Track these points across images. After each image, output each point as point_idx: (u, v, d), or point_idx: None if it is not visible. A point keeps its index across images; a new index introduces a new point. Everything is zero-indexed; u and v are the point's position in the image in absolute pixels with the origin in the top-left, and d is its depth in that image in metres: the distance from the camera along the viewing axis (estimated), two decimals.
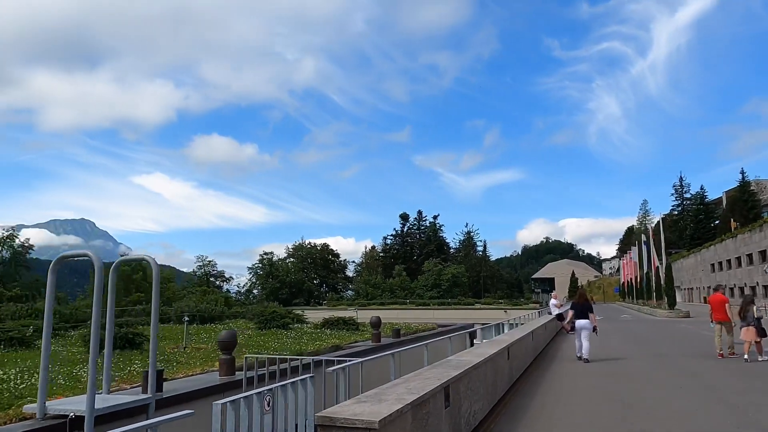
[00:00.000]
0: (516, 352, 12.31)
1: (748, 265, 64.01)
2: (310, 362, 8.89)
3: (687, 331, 26.99)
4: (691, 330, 27.81)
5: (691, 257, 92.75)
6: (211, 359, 15.31)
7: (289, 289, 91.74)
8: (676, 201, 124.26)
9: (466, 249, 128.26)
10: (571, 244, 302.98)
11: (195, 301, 34.66)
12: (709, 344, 17.10)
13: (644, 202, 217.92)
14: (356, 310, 49.59)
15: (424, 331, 26.46)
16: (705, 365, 14.06)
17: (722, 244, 73.70)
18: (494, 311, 53.45)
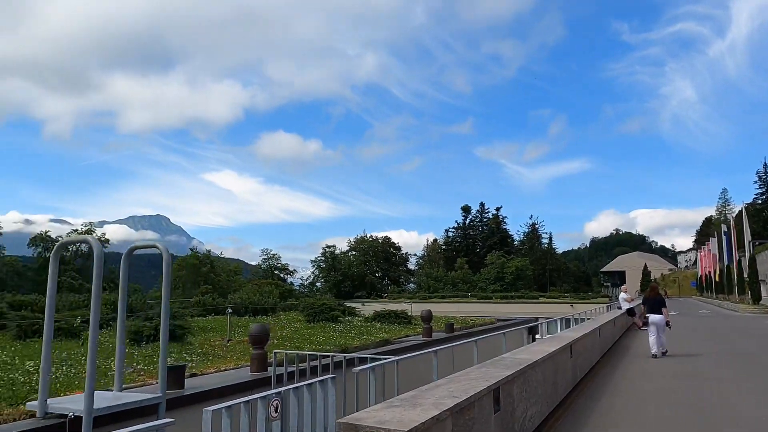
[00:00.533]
0: (580, 350, 11.44)
1: None
2: (342, 359, 8.24)
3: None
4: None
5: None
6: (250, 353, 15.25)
7: (351, 282, 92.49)
8: (760, 189, 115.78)
9: (531, 241, 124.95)
10: (643, 235, 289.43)
11: (248, 293, 34.90)
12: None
13: (724, 190, 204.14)
14: (411, 304, 49.11)
15: (481, 325, 25.43)
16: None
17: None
18: (559, 305, 51.56)
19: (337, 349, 15.31)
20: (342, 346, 15.98)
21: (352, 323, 22.48)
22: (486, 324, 26.02)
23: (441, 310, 59.53)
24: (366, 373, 5.91)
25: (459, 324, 24.88)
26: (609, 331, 17.54)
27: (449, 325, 21.47)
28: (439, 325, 22.57)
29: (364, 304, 59.25)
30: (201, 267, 70.82)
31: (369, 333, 19.70)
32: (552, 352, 8.57)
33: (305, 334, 19.00)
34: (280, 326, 20.97)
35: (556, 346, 9.28)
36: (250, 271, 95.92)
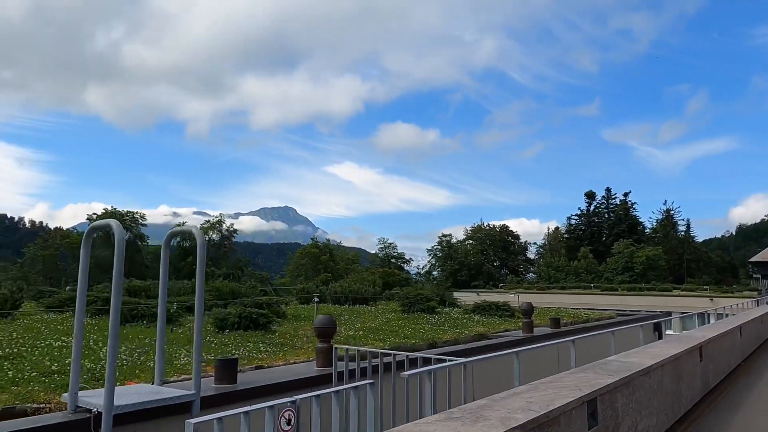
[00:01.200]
0: (714, 352, 9.89)
1: None
2: (405, 359, 7.41)
3: None
4: None
5: None
6: None
7: (468, 271, 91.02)
8: None
9: (665, 229, 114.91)
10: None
11: (350, 282, 34.80)
12: None
13: None
14: (517, 295, 47.01)
15: (597, 320, 23.22)
16: None
17: None
18: (696, 299, 46.56)
19: (424, 344, 14.61)
20: (430, 340, 15.20)
21: (449, 315, 21.29)
22: (603, 319, 23.57)
23: (558, 302, 56.23)
24: (421, 376, 5.28)
25: (569, 318, 23.12)
26: (754, 331, 15.26)
27: (555, 319, 19.73)
28: (545, 319, 21.16)
29: (479, 294, 57.89)
30: (321, 255, 73.45)
31: (464, 326, 18.63)
32: (673, 355, 7.37)
33: (395, 325, 18.19)
34: (372, 316, 20.49)
35: (680, 348, 8.01)
36: (368, 260, 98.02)
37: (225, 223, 76.05)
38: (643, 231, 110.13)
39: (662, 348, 7.96)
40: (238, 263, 74.98)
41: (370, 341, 14.55)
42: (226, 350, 13.36)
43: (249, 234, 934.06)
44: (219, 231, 74.20)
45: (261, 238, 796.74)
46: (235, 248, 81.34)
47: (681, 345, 8.46)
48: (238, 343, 14.27)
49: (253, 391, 9.64)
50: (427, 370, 5.43)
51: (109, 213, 64.71)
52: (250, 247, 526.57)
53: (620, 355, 7.24)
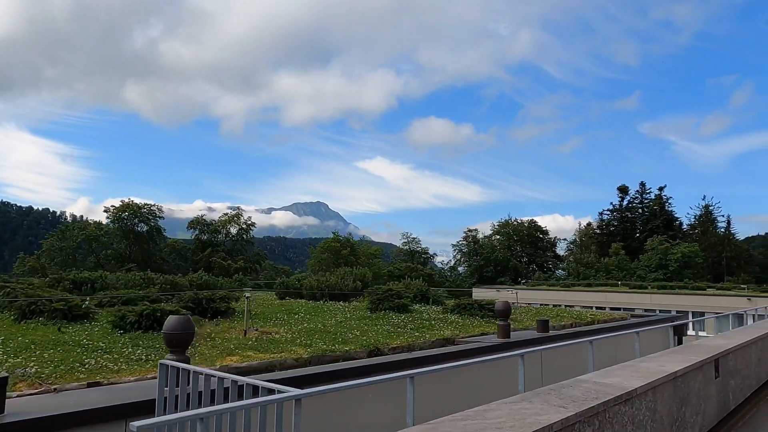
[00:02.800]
0: (735, 366, 8.08)
1: None
2: (231, 384, 5.14)
3: None
4: None
5: None
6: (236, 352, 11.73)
7: (494, 267, 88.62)
8: None
9: (703, 225, 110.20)
10: None
11: (330, 276, 31.18)
12: None
13: None
14: (515, 292, 44.78)
15: (605, 321, 20.57)
16: None
17: None
18: (733, 299, 43.47)
19: (364, 351, 12.53)
20: (374, 346, 12.91)
21: (421, 315, 18.96)
22: (612, 320, 20.75)
23: (582, 300, 53.43)
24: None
25: (570, 320, 20.45)
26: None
27: (543, 321, 17.00)
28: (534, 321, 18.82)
29: (499, 290, 55.68)
30: (342, 250, 72.23)
31: (431, 328, 16.31)
32: (672, 372, 5.66)
33: (349, 326, 15.80)
34: (335, 315, 18.29)
35: (687, 363, 6.28)
36: (392, 256, 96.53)
37: (242, 216, 75.50)
38: (679, 227, 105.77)
39: (662, 362, 6.24)
40: (256, 257, 74.36)
41: (290, 347, 12.40)
42: (88, 355, 10.75)
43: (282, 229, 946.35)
44: (237, 224, 73.73)
45: (293, 232, 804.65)
46: (253, 242, 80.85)
47: (690, 356, 6.72)
48: (119, 347, 11.66)
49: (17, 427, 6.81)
50: (274, 399, 3.91)
51: (126, 205, 64.77)
52: (283, 241, 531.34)
53: (597, 373, 5.56)
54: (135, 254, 64.87)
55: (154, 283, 22.64)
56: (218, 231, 71.53)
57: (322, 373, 8.98)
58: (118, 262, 59.77)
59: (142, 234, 66.54)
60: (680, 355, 6.84)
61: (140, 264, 58.29)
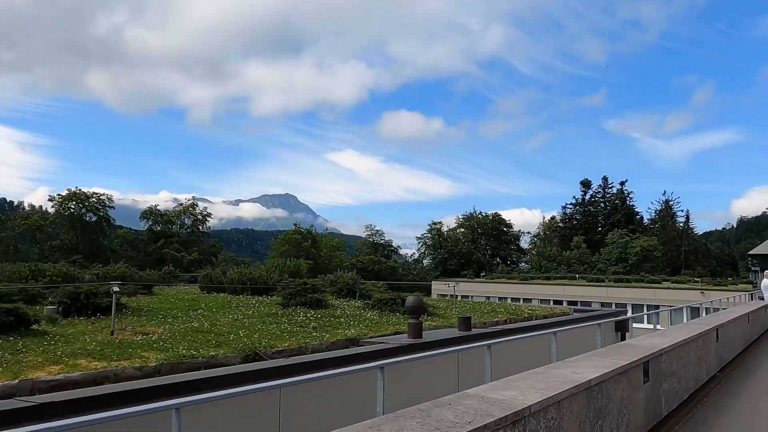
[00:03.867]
0: (669, 368, 7.27)
1: None
2: None
3: None
4: None
5: None
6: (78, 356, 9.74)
7: (458, 260, 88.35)
8: None
9: (663, 220, 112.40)
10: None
11: (256, 269, 28.37)
12: None
13: None
14: (453, 285, 44.19)
15: (543, 317, 19.19)
16: None
17: None
18: (687, 292, 43.84)
19: (238, 356, 10.63)
20: (251, 349, 11.02)
21: (335, 311, 17.35)
22: (553, 315, 19.66)
23: (539, 293, 53.16)
24: None
25: (505, 315, 19.14)
26: (739, 333, 12.64)
27: (465, 318, 15.47)
28: (485, 316, 17.86)
29: (458, 283, 55.26)
30: (303, 242, 70.78)
31: (338, 327, 14.58)
32: (585, 382, 4.72)
33: (241, 325, 13.99)
34: (239, 310, 16.44)
35: (608, 367, 5.38)
36: (355, 248, 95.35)
37: (198, 206, 72.93)
38: (640, 221, 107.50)
39: (578, 367, 5.32)
40: (212, 248, 72.27)
41: (142, 352, 10.42)
42: None
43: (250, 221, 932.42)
44: (192, 215, 71.32)
45: (261, 225, 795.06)
46: (209, 233, 78.61)
47: (615, 359, 5.84)
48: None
49: None
50: None
51: (72, 194, 61.82)
52: (250, 234, 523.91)
53: (492, 385, 4.57)
54: (83, 245, 62.08)
55: (44, 276, 20.46)
56: (172, 222, 69.04)
57: (163, 386, 7.39)
58: (63, 254, 57.05)
59: (90, 224, 63.65)
60: (603, 358, 5.95)
61: (87, 255, 55.77)
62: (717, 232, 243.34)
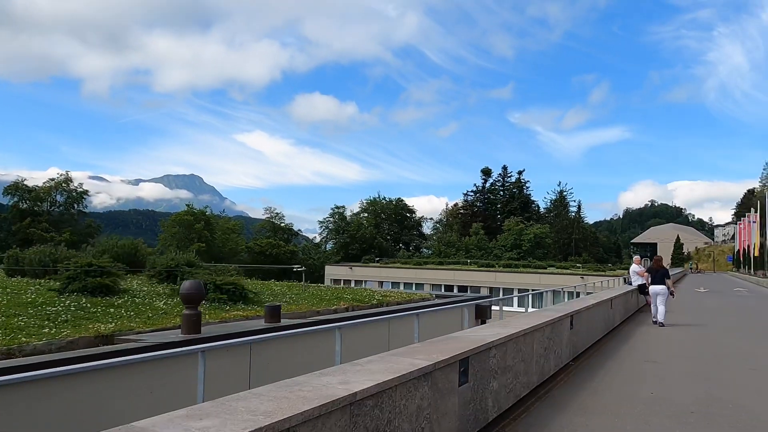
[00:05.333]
0: (503, 363, 6.29)
1: None
2: None
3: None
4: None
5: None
6: None
7: (360, 245, 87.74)
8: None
9: (557, 209, 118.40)
10: (680, 208, 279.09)
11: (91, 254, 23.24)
12: None
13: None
14: (350, 268, 43.34)
15: (399, 303, 18.06)
16: None
17: None
18: (569, 277, 45.79)
19: None
20: None
21: (118, 300, 14.53)
22: (410, 301, 18.22)
23: (431, 279, 53.38)
24: None
25: (349, 303, 17.33)
26: (596, 320, 12.24)
27: (273, 307, 13.27)
28: (326, 303, 16.25)
29: (352, 268, 54.63)
30: (195, 224, 66.87)
31: (99, 319, 12.05)
32: (346, 396, 3.44)
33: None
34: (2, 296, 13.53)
35: (398, 372, 4.15)
36: (253, 232, 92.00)
37: (72, 182, 66.42)
38: (537, 210, 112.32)
39: (358, 373, 4.07)
40: (88, 229, 66.35)
41: None
42: None
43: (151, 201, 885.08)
44: (65, 191, 64.93)
45: (164, 206, 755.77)
46: (86, 212, 72.22)
47: (419, 359, 4.66)
48: None
49: None
50: None
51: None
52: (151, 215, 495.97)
53: (183, 412, 3.18)
54: None
55: None
56: (41, 199, 62.39)
57: None
58: None
59: None
60: (405, 358, 4.77)
61: None
62: (606, 222, 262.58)
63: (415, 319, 7.70)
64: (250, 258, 74.25)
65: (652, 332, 14.09)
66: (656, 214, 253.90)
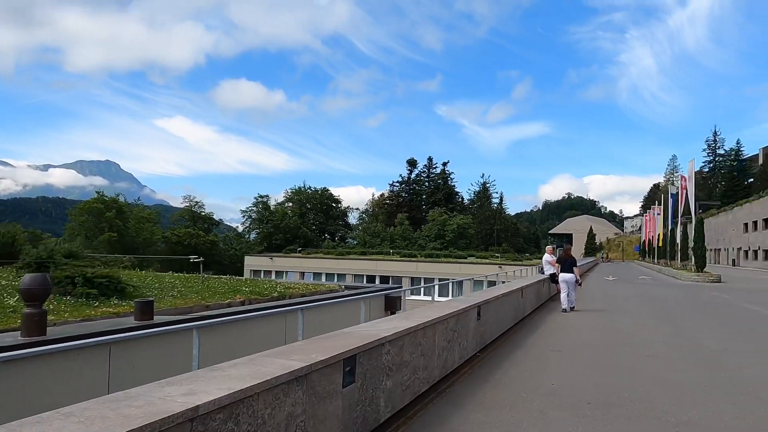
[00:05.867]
0: (398, 360, 5.90)
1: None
2: None
3: (728, 306, 20.32)
4: (730, 303, 21.12)
5: (720, 216, 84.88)
6: None
7: (284, 235, 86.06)
8: (708, 157, 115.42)
9: (481, 201, 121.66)
10: (594, 200, 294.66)
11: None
12: None
13: (673, 157, 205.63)
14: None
15: (303, 294, 16.90)
16: None
17: (760, 201, 65.70)
18: (487, 266, 46.92)
19: None
20: None
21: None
22: (316, 293, 17.46)
23: (352, 269, 52.89)
24: None
25: (245, 296, 16.39)
26: (505, 309, 12.23)
27: (143, 303, 12.04)
28: (220, 296, 15.02)
29: (273, 258, 53.40)
30: (106, 212, 63.01)
31: None
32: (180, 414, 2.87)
33: None
34: None
35: (246, 383, 3.62)
36: (171, 221, 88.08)
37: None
38: (460, 201, 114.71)
39: (213, 381, 3.52)
40: None
41: None
42: None
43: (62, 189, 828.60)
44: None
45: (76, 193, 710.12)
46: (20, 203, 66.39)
47: (296, 359, 4.15)
48: None
49: None
50: None
51: None
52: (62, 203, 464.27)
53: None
54: None
55: None
56: None
57: None
58: None
59: None
60: (279, 359, 4.25)
61: None
62: (526, 214, 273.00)
63: (300, 314, 7.13)
64: (167, 249, 71.10)
65: (559, 320, 14.34)
66: (572, 206, 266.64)
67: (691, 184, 49.41)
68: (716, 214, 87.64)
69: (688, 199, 50.26)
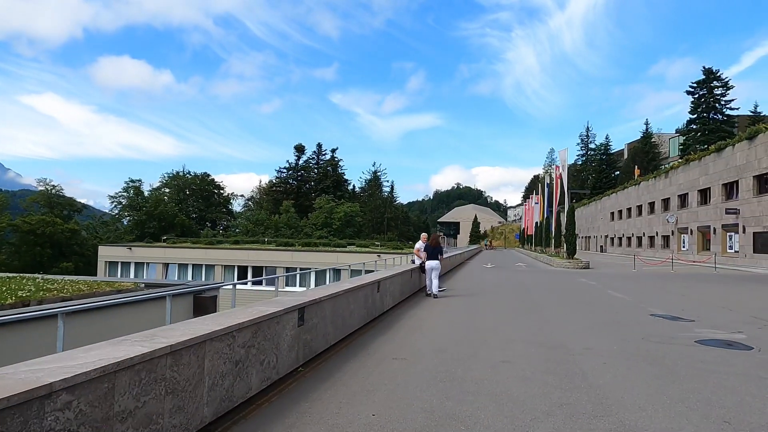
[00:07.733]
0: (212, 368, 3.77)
1: (649, 214, 60.65)
2: None
3: (594, 294, 20.10)
4: (596, 290, 21.00)
5: (591, 205, 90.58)
6: None
7: (159, 223, 79.62)
8: (582, 151, 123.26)
9: (372, 189, 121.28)
10: (481, 190, 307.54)
11: None
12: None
13: (551, 150, 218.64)
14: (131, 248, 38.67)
15: (67, 299, 14.46)
16: None
17: (624, 192, 70.45)
18: (367, 255, 45.74)
19: None
20: None
21: None
22: (94, 295, 14.54)
23: (224, 259, 49.38)
24: None
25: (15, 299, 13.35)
26: (355, 307, 10.41)
27: None
28: None
29: (131, 248, 48.58)
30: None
31: None
32: None
33: None
34: None
35: None
36: (23, 207, 78.38)
37: None
38: (349, 189, 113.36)
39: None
40: None
41: None
42: None
43: None
44: None
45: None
46: None
47: None
48: None
49: None
50: None
51: None
52: None
53: None
54: None
55: None
56: None
57: None
58: None
59: None
60: None
61: None
62: (418, 203, 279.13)
63: (61, 321, 4.65)
64: (18, 238, 63.08)
65: (420, 315, 12.87)
66: (461, 195, 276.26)
67: (565, 172, 51.34)
68: (587, 203, 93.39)
69: (563, 188, 52.25)
